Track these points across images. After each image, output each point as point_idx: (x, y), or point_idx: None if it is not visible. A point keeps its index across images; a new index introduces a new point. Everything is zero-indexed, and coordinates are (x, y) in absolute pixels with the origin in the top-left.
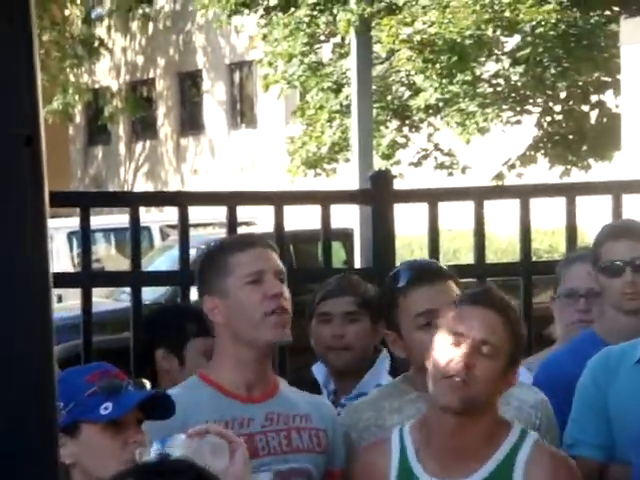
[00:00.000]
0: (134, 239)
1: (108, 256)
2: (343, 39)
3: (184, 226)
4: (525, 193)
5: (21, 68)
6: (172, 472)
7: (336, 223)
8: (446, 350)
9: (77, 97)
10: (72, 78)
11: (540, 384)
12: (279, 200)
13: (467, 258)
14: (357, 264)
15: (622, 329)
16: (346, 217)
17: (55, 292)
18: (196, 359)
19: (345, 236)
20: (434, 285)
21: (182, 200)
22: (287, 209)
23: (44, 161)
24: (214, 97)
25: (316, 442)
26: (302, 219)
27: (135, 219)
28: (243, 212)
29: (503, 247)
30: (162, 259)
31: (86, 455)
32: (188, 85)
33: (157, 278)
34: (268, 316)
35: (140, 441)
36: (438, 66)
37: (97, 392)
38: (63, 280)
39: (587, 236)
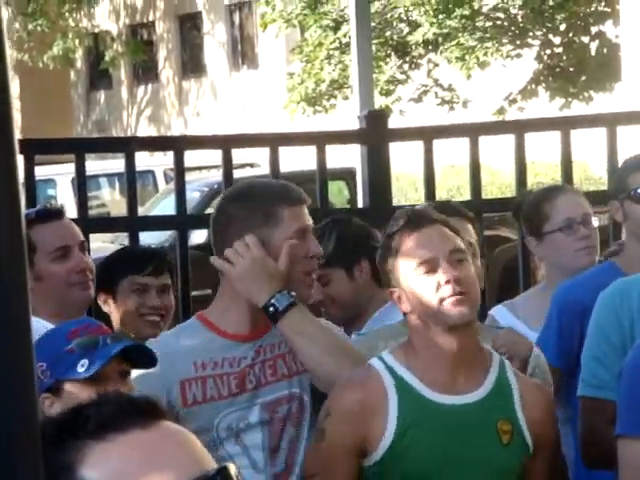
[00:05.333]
0: (130, 184)
1: (113, 201)
2: None
3: (180, 170)
4: (519, 128)
5: None
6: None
7: (340, 162)
8: (428, 279)
9: (77, 42)
10: (72, 23)
11: (552, 310)
12: (274, 142)
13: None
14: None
15: None
16: (351, 156)
17: None
18: (127, 295)
19: (349, 175)
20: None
21: (177, 145)
22: (296, 149)
23: (12, 114)
24: (215, 39)
25: (300, 362)
26: (310, 158)
27: (131, 164)
28: (247, 154)
29: (507, 182)
30: (166, 202)
31: None
32: (188, 27)
33: (154, 223)
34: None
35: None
36: (434, 1)
37: (74, 350)
38: None
39: (590, 169)
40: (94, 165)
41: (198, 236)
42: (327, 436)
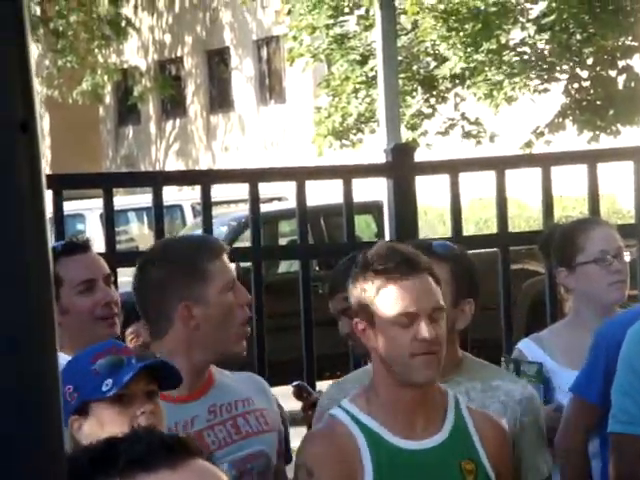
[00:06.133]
0: (157, 219)
1: (141, 235)
2: (367, 11)
3: (207, 205)
4: (546, 161)
5: (11, 50)
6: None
7: (367, 196)
8: (404, 330)
9: (106, 78)
10: (100, 59)
11: (599, 350)
12: (301, 176)
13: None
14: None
15: None
16: (378, 189)
17: None
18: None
19: (376, 209)
20: None
21: (204, 179)
22: (322, 183)
23: (40, 147)
24: (242, 73)
25: (263, 422)
26: (337, 192)
27: (158, 199)
28: (275, 188)
29: (535, 215)
30: None
31: (99, 433)
32: (216, 62)
33: None
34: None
35: (149, 411)
36: (462, 34)
37: (98, 371)
38: None
39: (618, 202)
40: (123, 200)
41: None
42: None
